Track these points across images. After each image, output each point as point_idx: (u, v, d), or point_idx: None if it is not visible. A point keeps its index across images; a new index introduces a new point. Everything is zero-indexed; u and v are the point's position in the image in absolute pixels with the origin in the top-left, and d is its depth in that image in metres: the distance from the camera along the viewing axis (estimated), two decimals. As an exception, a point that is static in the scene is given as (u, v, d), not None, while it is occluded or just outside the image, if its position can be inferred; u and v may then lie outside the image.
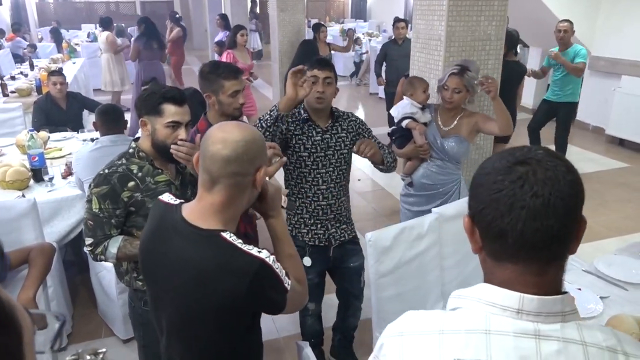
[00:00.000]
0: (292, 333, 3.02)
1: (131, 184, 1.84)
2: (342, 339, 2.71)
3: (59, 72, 4.82)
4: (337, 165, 2.33)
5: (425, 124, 2.78)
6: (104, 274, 2.89)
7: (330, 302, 2.73)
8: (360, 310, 2.64)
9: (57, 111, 4.67)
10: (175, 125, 1.85)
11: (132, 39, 7.50)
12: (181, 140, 1.84)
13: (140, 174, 1.88)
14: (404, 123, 2.75)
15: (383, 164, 2.41)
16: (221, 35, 7.95)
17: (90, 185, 1.84)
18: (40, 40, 12.18)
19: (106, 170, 1.85)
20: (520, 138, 5.58)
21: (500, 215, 0.80)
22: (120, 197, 1.82)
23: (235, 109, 2.34)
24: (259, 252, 1.20)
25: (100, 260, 1.85)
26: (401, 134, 2.79)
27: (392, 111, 2.86)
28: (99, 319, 3.12)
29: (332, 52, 6.85)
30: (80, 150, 3.09)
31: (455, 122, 2.75)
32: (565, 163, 0.83)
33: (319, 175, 2.30)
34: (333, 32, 12.63)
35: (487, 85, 2.53)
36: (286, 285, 1.24)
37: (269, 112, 2.14)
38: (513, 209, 0.79)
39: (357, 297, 2.57)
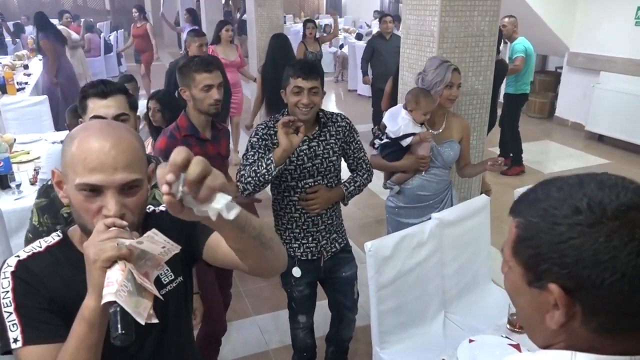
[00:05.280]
0: (281, 345, 2.88)
1: None
2: (335, 351, 2.58)
3: (202, 33, 4.54)
4: (326, 173, 2.17)
5: None
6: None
7: (323, 310, 2.59)
8: (355, 322, 2.49)
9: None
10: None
11: (34, 36, 6.81)
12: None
13: None
14: (407, 141, 2.52)
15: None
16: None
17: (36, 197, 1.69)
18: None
19: (49, 182, 1.67)
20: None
21: None
22: (60, 212, 1.62)
23: (210, 105, 2.21)
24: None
25: None
26: (397, 148, 2.56)
27: (389, 123, 2.59)
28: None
29: (322, 45, 6.60)
30: (53, 147, 2.86)
31: (445, 122, 2.60)
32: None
33: (306, 186, 2.14)
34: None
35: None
36: (11, 340, 0.97)
37: (264, 166, 1.96)
38: None
39: (351, 310, 2.43)
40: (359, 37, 10.29)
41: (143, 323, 0.88)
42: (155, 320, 0.91)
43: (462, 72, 2.96)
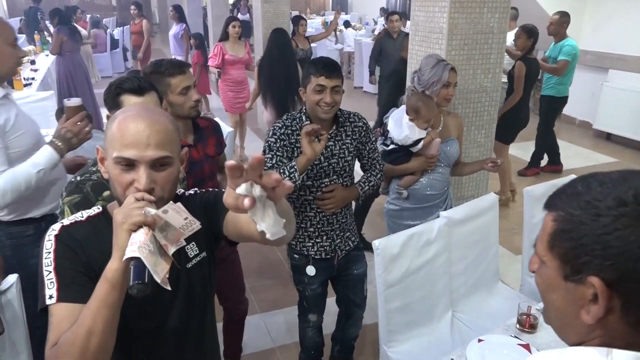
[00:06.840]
0: (288, 342, 2.87)
1: (107, 193, 1.62)
2: (341, 350, 2.57)
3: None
4: (341, 173, 2.15)
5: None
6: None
7: (330, 308, 2.57)
8: (362, 320, 2.49)
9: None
10: None
11: (54, 30, 6.91)
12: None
13: None
14: (419, 146, 2.48)
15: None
16: (177, 29, 7.59)
17: (62, 195, 1.66)
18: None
19: (78, 178, 1.66)
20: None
21: None
22: (95, 205, 1.64)
23: (191, 107, 2.07)
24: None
25: None
26: (404, 152, 2.53)
27: (394, 130, 2.52)
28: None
29: (313, 44, 6.59)
30: None
31: (442, 121, 2.59)
32: None
33: (322, 185, 2.13)
34: (315, 24, 12.40)
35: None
36: (47, 296, 1.06)
37: (287, 175, 1.94)
38: None
39: (360, 306, 2.42)
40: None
41: (159, 281, 0.95)
42: (168, 287, 0.98)
43: (471, 69, 2.95)
